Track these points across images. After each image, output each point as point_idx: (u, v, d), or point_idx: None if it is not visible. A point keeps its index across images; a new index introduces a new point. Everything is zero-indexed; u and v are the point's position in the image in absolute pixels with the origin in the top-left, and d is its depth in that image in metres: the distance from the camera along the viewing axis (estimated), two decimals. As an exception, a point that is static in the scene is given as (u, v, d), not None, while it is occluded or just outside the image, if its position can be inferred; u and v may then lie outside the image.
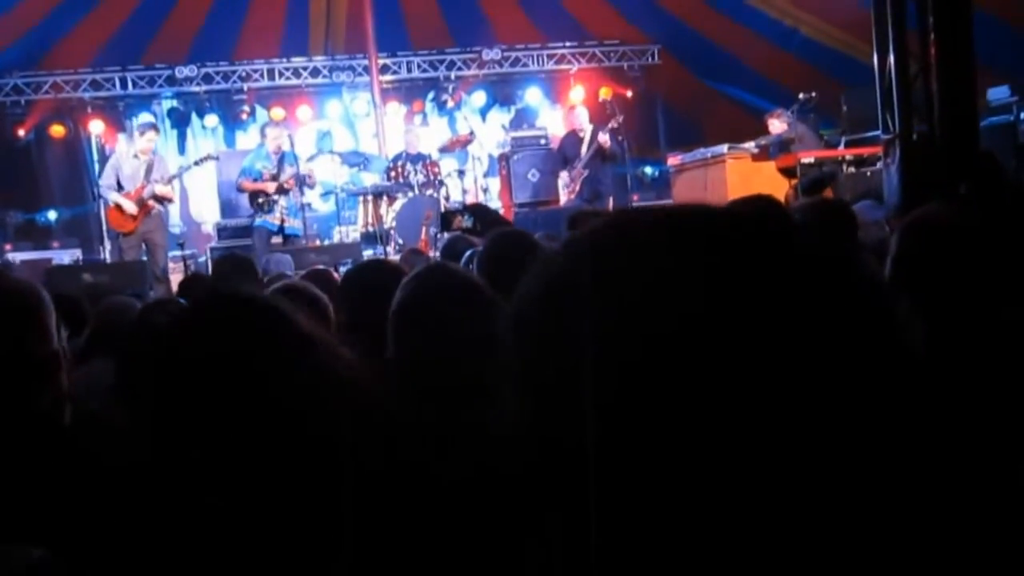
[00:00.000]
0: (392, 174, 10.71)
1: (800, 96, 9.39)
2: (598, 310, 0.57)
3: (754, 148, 9.43)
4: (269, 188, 9.64)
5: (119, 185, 9.02)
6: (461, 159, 12.29)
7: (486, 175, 12.37)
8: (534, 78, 14.07)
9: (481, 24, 13.29)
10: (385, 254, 9.18)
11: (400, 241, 9.75)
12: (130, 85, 12.88)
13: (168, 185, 9.13)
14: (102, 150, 12.66)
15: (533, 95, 14.13)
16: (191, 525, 1.05)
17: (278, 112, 12.95)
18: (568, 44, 13.86)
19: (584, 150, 10.36)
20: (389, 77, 13.23)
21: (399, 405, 1.72)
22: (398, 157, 10.91)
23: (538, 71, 13.96)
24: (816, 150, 9.19)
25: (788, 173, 8.77)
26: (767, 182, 8.37)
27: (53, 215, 12.69)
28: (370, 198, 10.43)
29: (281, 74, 13.27)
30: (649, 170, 13.85)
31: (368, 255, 9.10)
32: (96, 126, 12.75)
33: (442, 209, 9.83)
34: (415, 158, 10.78)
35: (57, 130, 12.72)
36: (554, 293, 0.61)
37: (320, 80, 13.39)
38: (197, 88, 12.96)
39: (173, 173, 9.40)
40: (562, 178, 10.73)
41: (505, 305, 1.81)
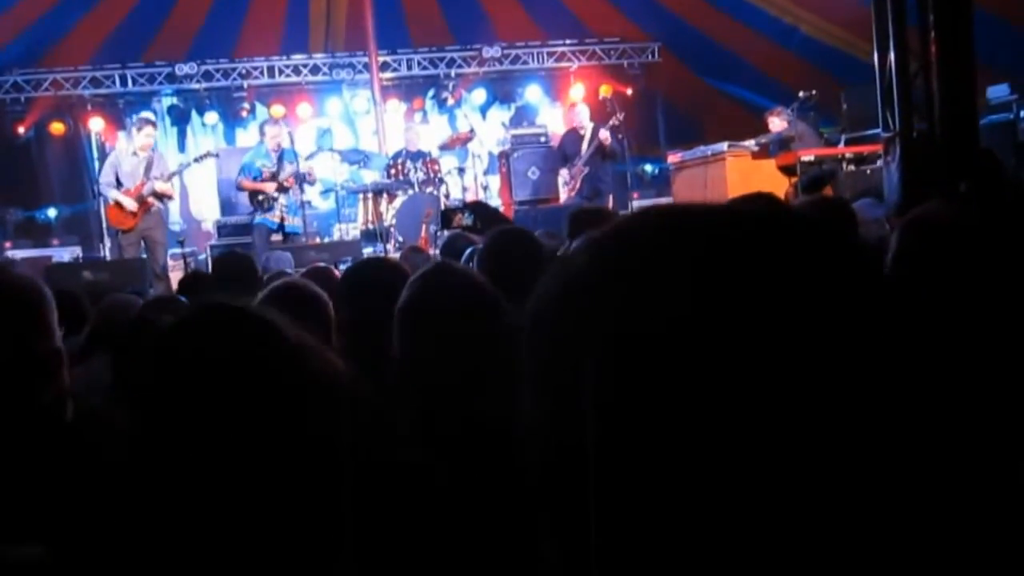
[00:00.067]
0: (392, 172, 10.70)
1: (800, 94, 9.38)
2: (621, 312, 0.56)
3: (754, 146, 9.42)
4: (267, 188, 9.63)
5: (118, 183, 8.98)
6: (461, 157, 12.27)
7: (486, 173, 12.36)
8: (534, 76, 14.06)
9: (481, 21, 13.29)
10: (385, 252, 9.18)
11: (400, 239, 9.74)
12: (130, 82, 12.88)
13: (168, 182, 9.09)
14: (102, 147, 12.63)
15: (533, 93, 14.12)
16: (190, 525, 1.05)
17: (278, 109, 12.95)
18: (568, 42, 13.85)
19: (584, 147, 10.35)
20: (389, 74, 13.22)
21: (404, 403, 1.72)
22: (398, 155, 10.90)
23: (538, 69, 13.95)
24: (816, 148, 9.18)
25: (788, 171, 8.76)
26: (767, 180, 8.36)
27: (53, 213, 12.68)
28: (370, 196, 10.43)
29: (281, 71, 13.26)
30: (649, 168, 13.85)
31: (368, 253, 9.10)
32: (96, 123, 12.74)
33: (442, 207, 9.83)
34: (415, 156, 10.77)
35: (57, 127, 12.71)
36: (575, 293, 0.59)
37: (320, 77, 13.39)
38: (197, 85, 12.95)
39: (173, 170, 9.35)
40: (562, 176, 10.72)
41: (509, 305, 1.81)
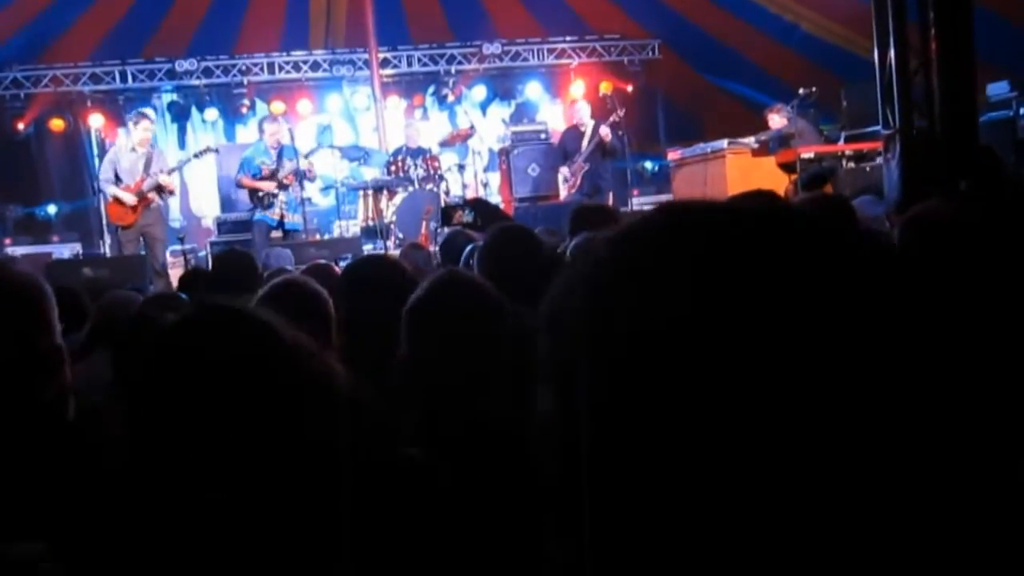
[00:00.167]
0: (392, 168, 10.69)
1: (800, 91, 9.36)
2: (637, 311, 0.55)
3: (754, 143, 9.42)
4: (266, 186, 9.60)
5: (117, 179, 8.94)
6: (461, 153, 12.26)
7: (486, 170, 12.36)
8: (534, 72, 14.05)
9: (481, 18, 13.28)
10: (385, 248, 9.17)
11: (400, 235, 9.74)
12: (130, 79, 12.86)
13: (169, 176, 9.09)
14: (102, 144, 12.61)
15: (533, 89, 14.11)
16: (188, 523, 1.05)
17: (278, 106, 12.94)
18: (568, 39, 13.84)
19: (585, 144, 10.35)
20: (389, 71, 13.21)
21: (408, 403, 1.72)
22: (398, 151, 10.89)
23: (538, 65, 13.94)
24: (816, 145, 9.17)
25: (788, 168, 8.76)
26: (767, 177, 8.36)
27: (53, 209, 12.68)
28: (370, 192, 10.43)
29: (281, 68, 13.25)
30: (649, 165, 13.84)
31: (368, 249, 9.10)
32: (96, 120, 12.71)
33: (442, 204, 9.83)
34: (415, 152, 10.77)
35: (57, 124, 12.70)
36: (593, 293, 0.58)
37: (320, 74, 13.38)
38: (197, 82, 12.93)
39: (172, 166, 9.34)
40: (562, 173, 10.71)
41: (511, 304, 1.81)
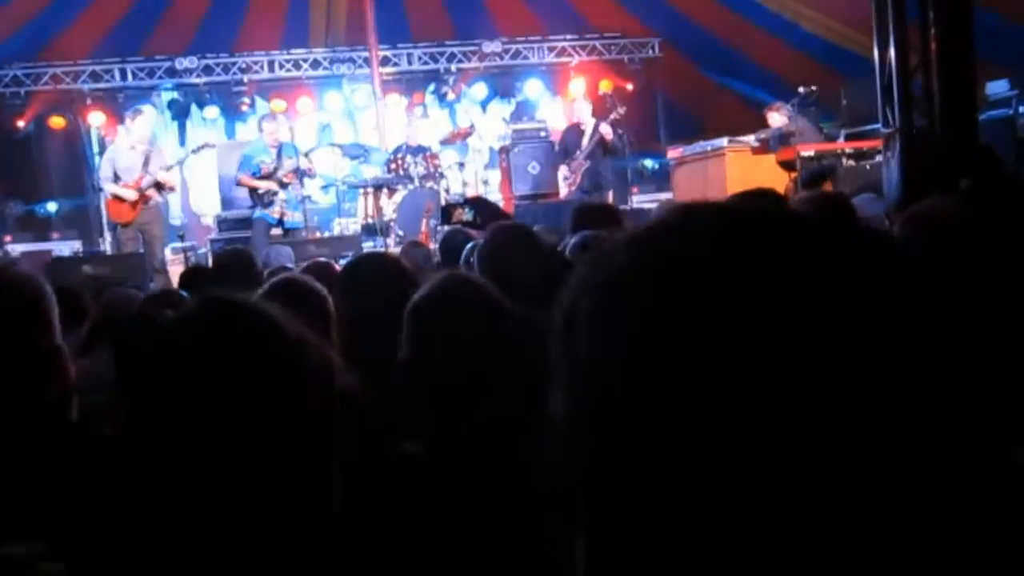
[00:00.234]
0: (392, 166, 10.69)
1: (800, 89, 9.36)
2: (659, 314, 0.54)
3: (754, 141, 9.42)
4: (264, 186, 9.56)
5: (116, 178, 8.91)
6: (461, 151, 12.27)
7: (486, 167, 12.37)
8: (534, 71, 14.05)
9: (482, 16, 13.28)
10: (385, 246, 9.17)
11: (400, 233, 9.74)
12: (130, 77, 12.86)
13: (167, 172, 9.08)
14: (102, 142, 12.62)
15: (533, 87, 14.11)
16: (190, 523, 1.05)
17: (278, 104, 12.94)
18: (568, 37, 13.84)
19: (586, 143, 10.35)
20: (390, 69, 13.20)
21: (409, 403, 1.72)
22: (398, 149, 10.89)
23: (538, 64, 13.94)
24: (816, 143, 9.16)
25: (788, 166, 8.75)
26: (767, 175, 8.36)
27: (53, 206, 12.69)
28: (370, 190, 10.42)
29: (281, 66, 13.25)
30: (649, 163, 13.83)
31: (368, 247, 9.10)
32: (96, 118, 12.72)
33: (442, 202, 9.83)
34: (415, 150, 10.76)
35: (57, 121, 12.71)
36: (611, 295, 0.57)
37: (320, 72, 13.37)
38: (197, 80, 12.94)
39: (171, 163, 9.33)
40: (562, 171, 10.71)
41: (511, 303, 1.81)
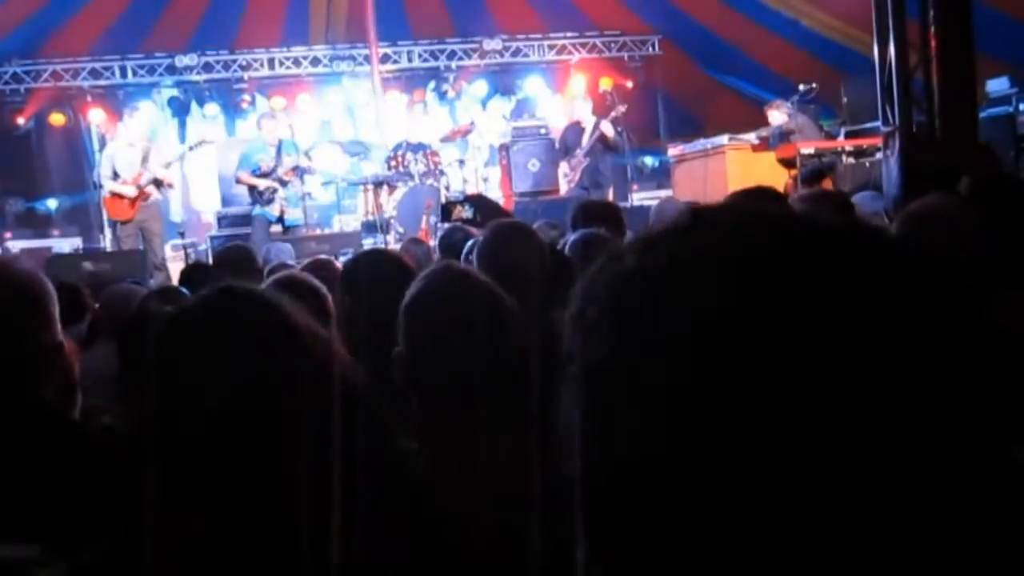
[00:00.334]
0: (392, 163, 10.69)
1: (800, 87, 9.36)
2: (670, 317, 0.53)
3: (754, 139, 9.43)
4: (263, 184, 9.57)
5: (115, 175, 8.92)
6: (462, 148, 12.27)
7: (486, 165, 12.36)
8: (535, 68, 14.05)
9: (482, 13, 13.27)
10: (385, 243, 9.17)
11: (401, 230, 9.75)
12: (130, 74, 12.86)
13: (166, 170, 9.08)
14: (102, 139, 12.61)
15: (534, 85, 14.10)
16: (190, 523, 1.06)
17: (279, 101, 12.93)
18: (569, 34, 13.84)
19: (586, 140, 10.34)
20: (390, 66, 13.20)
21: (408, 401, 1.72)
22: (398, 146, 10.89)
23: (539, 61, 13.94)
24: (816, 141, 9.17)
25: (788, 164, 8.76)
26: (767, 173, 8.37)
27: (53, 203, 12.68)
28: (370, 187, 10.43)
29: (282, 63, 13.25)
30: (649, 160, 13.82)
31: (368, 244, 9.10)
32: (96, 115, 12.71)
33: (442, 199, 9.82)
34: (415, 147, 10.76)
35: (57, 118, 12.70)
36: (623, 295, 0.56)
37: (321, 69, 13.37)
38: (197, 77, 12.94)
39: (169, 160, 9.33)
40: (562, 168, 10.71)
41: (512, 300, 1.81)
